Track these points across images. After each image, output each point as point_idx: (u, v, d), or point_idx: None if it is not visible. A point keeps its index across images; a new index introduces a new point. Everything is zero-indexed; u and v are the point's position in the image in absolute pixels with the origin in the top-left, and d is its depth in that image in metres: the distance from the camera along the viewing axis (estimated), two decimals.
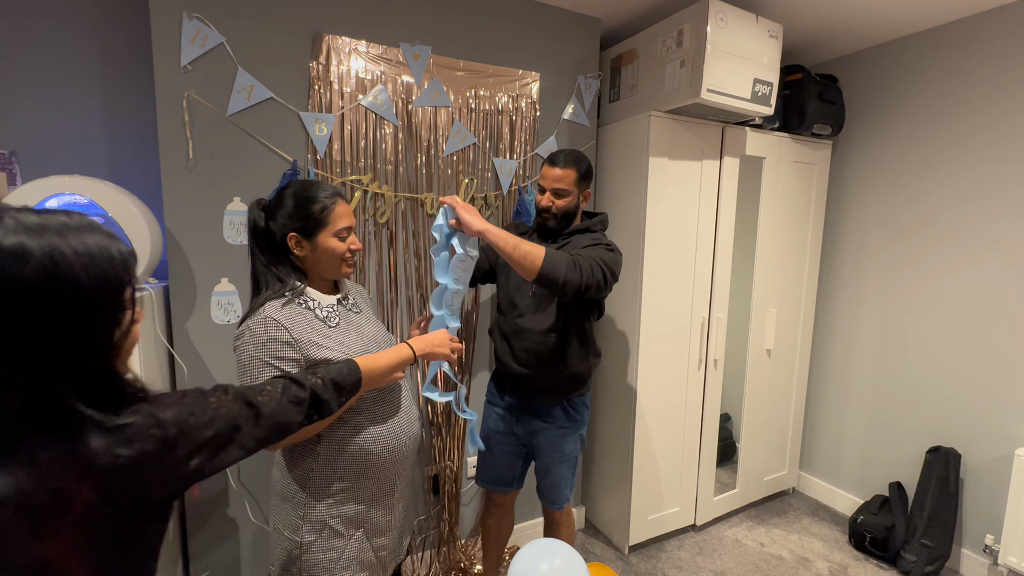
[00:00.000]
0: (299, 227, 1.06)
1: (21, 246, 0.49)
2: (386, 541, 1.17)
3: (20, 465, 0.48)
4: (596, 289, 1.34)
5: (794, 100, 2.22)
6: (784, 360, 2.47)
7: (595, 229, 1.53)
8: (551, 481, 1.62)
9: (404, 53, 1.67)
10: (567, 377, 1.51)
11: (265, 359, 0.98)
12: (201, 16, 1.40)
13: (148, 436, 0.55)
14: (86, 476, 0.50)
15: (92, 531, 0.52)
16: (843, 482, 2.50)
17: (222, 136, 1.46)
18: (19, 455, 0.48)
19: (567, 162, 1.48)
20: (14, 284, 0.48)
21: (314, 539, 1.08)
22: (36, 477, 0.48)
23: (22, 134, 1.49)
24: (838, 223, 2.48)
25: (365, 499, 1.12)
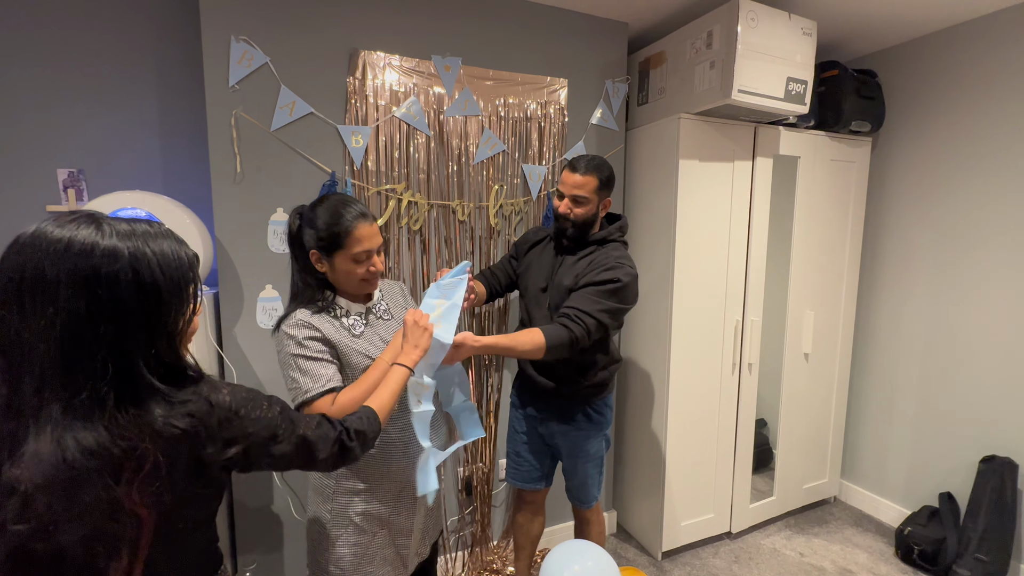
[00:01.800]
0: (320, 246, 1.09)
1: (115, 247, 0.59)
2: (408, 541, 1.22)
3: (105, 424, 0.57)
4: (596, 336, 1.39)
5: (830, 97, 2.16)
6: (823, 364, 2.39)
7: (613, 238, 1.51)
8: (578, 480, 1.63)
9: (435, 65, 1.72)
10: (585, 387, 1.53)
11: (309, 355, 1.06)
12: (248, 39, 1.48)
13: (200, 413, 0.64)
14: (152, 439, 0.59)
15: (158, 485, 0.60)
16: (888, 492, 2.40)
17: (266, 150, 1.55)
18: (105, 416, 0.58)
19: (588, 168, 1.44)
20: (108, 278, 0.58)
21: (340, 533, 1.15)
22: (116, 435, 0.57)
23: (88, 153, 1.61)
24: (879, 222, 2.39)
25: (389, 500, 1.18)
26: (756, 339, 2.14)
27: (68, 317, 0.56)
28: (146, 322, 0.61)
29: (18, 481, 0.53)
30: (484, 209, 1.86)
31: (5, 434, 0.56)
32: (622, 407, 2.27)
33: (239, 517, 1.63)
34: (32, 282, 0.56)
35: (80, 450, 0.55)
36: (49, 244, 0.57)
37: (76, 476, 0.55)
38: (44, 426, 0.55)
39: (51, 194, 1.60)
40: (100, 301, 0.58)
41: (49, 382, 0.56)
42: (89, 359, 0.57)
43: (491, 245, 1.88)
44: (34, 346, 0.56)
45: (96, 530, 0.57)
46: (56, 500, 0.54)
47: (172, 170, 1.70)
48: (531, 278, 1.59)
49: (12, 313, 0.56)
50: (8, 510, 0.54)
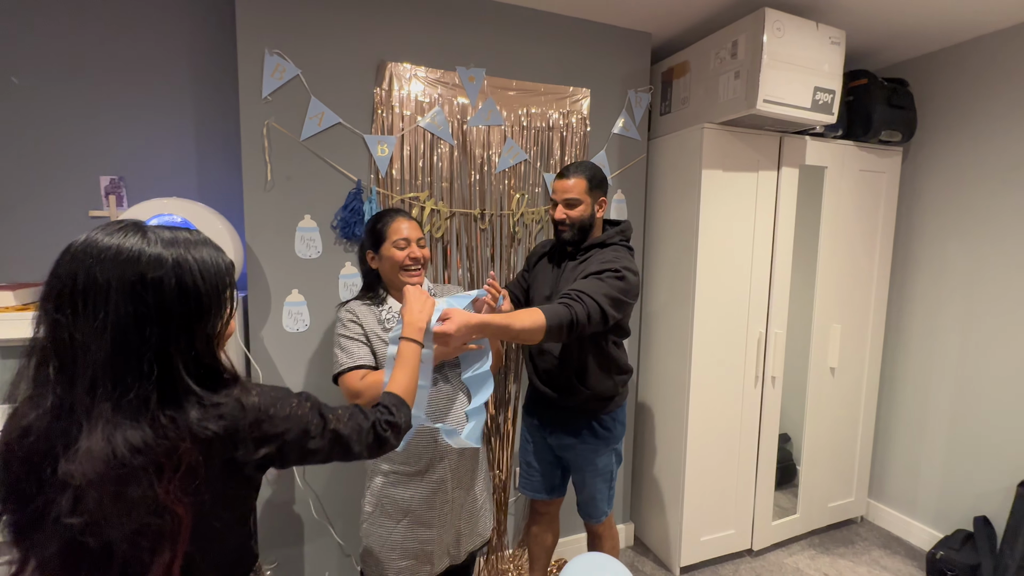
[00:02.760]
0: (370, 244, 1.34)
1: (160, 255, 0.63)
2: (431, 535, 1.27)
3: (149, 424, 0.60)
4: (595, 327, 1.31)
5: (859, 106, 2.12)
6: (850, 379, 2.33)
7: (612, 241, 1.50)
8: (587, 495, 1.62)
9: (460, 76, 1.75)
10: (589, 397, 1.50)
11: (348, 335, 1.27)
12: (280, 52, 1.54)
13: (231, 416, 0.66)
14: (190, 440, 0.62)
15: (196, 484, 0.62)
16: (919, 513, 2.31)
17: (296, 159, 1.60)
18: (148, 416, 0.60)
19: (576, 172, 1.47)
20: (154, 283, 0.62)
21: (371, 511, 1.27)
22: (157, 435, 0.60)
23: (128, 161, 1.69)
24: (910, 234, 2.33)
25: (412, 487, 1.25)
26: (780, 352, 2.10)
27: (118, 321, 0.59)
28: (187, 325, 0.64)
29: (72, 476, 0.56)
30: (505, 217, 1.87)
31: (59, 432, 0.58)
32: (641, 418, 2.25)
33: (261, 516, 1.67)
34: (85, 288, 0.59)
35: (128, 448, 0.57)
36: (100, 251, 0.60)
37: (124, 473, 0.57)
38: (96, 424, 0.57)
39: (93, 200, 1.67)
40: (147, 305, 0.61)
41: (101, 382, 0.59)
42: (136, 361, 0.60)
43: (512, 253, 1.90)
44: (87, 348, 0.58)
45: (141, 525, 0.59)
46: (106, 496, 0.56)
47: (206, 178, 1.76)
48: (537, 288, 1.60)
49: (67, 317, 0.59)
50: (62, 504, 0.56)
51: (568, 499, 1.77)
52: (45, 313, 0.60)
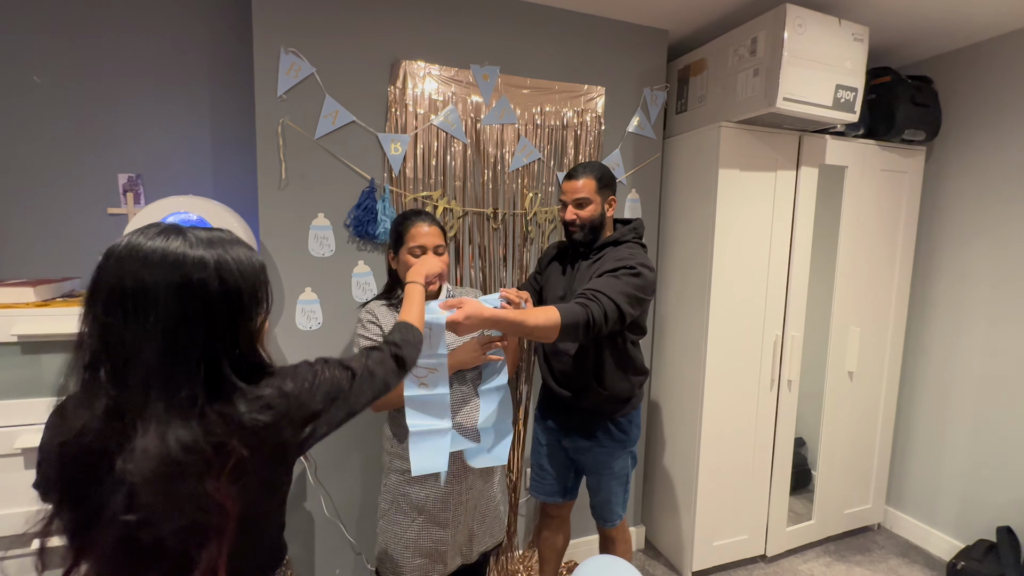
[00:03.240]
0: (392, 243, 1.35)
1: (202, 256, 0.64)
2: (445, 535, 1.27)
3: (198, 422, 0.61)
4: (613, 325, 1.29)
5: (882, 104, 2.07)
6: (869, 383, 2.28)
7: (626, 239, 1.48)
8: (602, 498, 1.60)
9: (474, 74, 1.74)
10: (605, 398, 1.48)
11: (367, 336, 1.28)
12: (296, 50, 1.54)
13: (277, 405, 0.68)
14: (238, 434, 0.63)
15: (243, 477, 0.64)
16: (939, 522, 2.26)
17: (310, 158, 1.60)
18: (198, 414, 0.61)
19: (585, 171, 1.46)
20: (200, 284, 0.63)
21: (388, 508, 1.28)
22: (206, 431, 0.61)
23: (146, 159, 1.70)
24: (933, 236, 2.27)
25: (427, 487, 1.25)
26: (797, 355, 2.06)
27: (167, 322, 0.60)
28: (231, 323, 0.66)
29: (129, 475, 0.57)
30: (518, 216, 1.86)
31: (114, 432, 0.60)
32: (653, 420, 2.22)
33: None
34: (133, 291, 0.60)
35: (180, 446, 0.59)
36: (144, 255, 0.61)
37: (176, 471, 0.58)
38: (149, 424, 0.59)
39: (112, 197, 1.69)
40: (193, 306, 0.62)
41: (153, 383, 0.60)
42: (185, 360, 0.61)
43: (524, 253, 1.88)
44: (139, 350, 0.60)
45: (191, 521, 0.60)
46: (160, 493, 0.58)
47: (222, 176, 1.77)
48: (550, 289, 1.59)
49: (117, 320, 0.60)
50: (118, 502, 0.57)
51: (580, 501, 1.75)
52: (94, 317, 0.61)
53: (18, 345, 1.30)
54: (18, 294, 1.32)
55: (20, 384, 1.31)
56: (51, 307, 1.32)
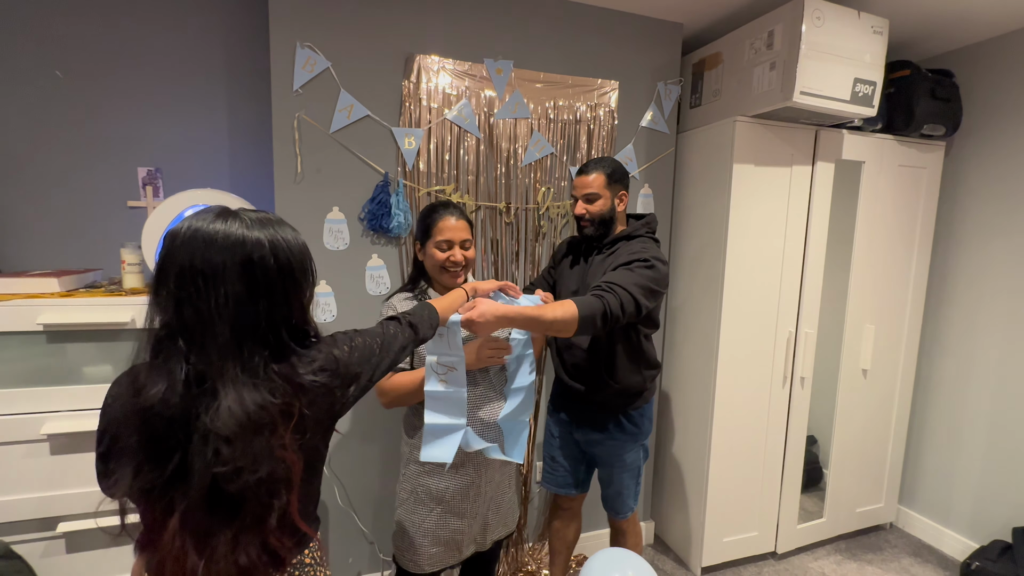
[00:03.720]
0: (418, 236, 1.33)
1: (259, 238, 0.69)
2: (462, 525, 1.28)
3: (266, 384, 0.68)
4: (630, 317, 1.30)
5: (901, 98, 2.04)
6: (883, 382, 2.26)
7: (638, 234, 1.48)
8: (613, 490, 1.61)
9: (488, 68, 1.74)
10: (617, 391, 1.49)
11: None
12: (311, 45, 1.55)
13: (330, 367, 0.76)
14: (298, 394, 0.71)
15: (303, 434, 0.72)
16: (953, 522, 2.24)
17: (325, 152, 1.61)
18: (267, 377, 0.68)
19: (595, 167, 1.48)
20: (260, 262, 0.69)
21: (406, 497, 1.29)
22: (274, 393, 0.68)
23: (165, 153, 1.73)
24: (951, 233, 2.23)
25: (447, 478, 1.26)
26: (810, 352, 2.04)
27: (236, 297, 0.67)
28: (287, 296, 0.72)
29: (216, 431, 0.64)
30: (531, 211, 1.86)
31: (196, 395, 0.66)
32: (664, 415, 2.22)
33: None
34: (203, 270, 0.66)
35: (256, 405, 0.66)
36: (209, 236, 0.67)
37: (254, 427, 0.65)
38: (228, 386, 0.65)
39: (132, 191, 1.72)
40: (256, 282, 0.68)
41: (228, 351, 0.66)
42: (253, 330, 0.68)
43: (537, 247, 1.89)
44: (213, 323, 0.66)
45: (268, 473, 0.67)
46: (242, 447, 0.65)
47: (238, 170, 1.80)
48: (564, 284, 1.60)
49: (190, 295, 0.65)
50: (208, 455, 0.64)
51: (591, 495, 1.76)
52: (167, 293, 0.66)
53: (44, 334, 1.33)
54: (43, 284, 1.36)
55: (46, 372, 1.35)
56: (75, 297, 1.36)
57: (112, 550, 1.45)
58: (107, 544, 1.45)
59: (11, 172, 1.62)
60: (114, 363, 1.40)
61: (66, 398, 1.36)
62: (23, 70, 1.59)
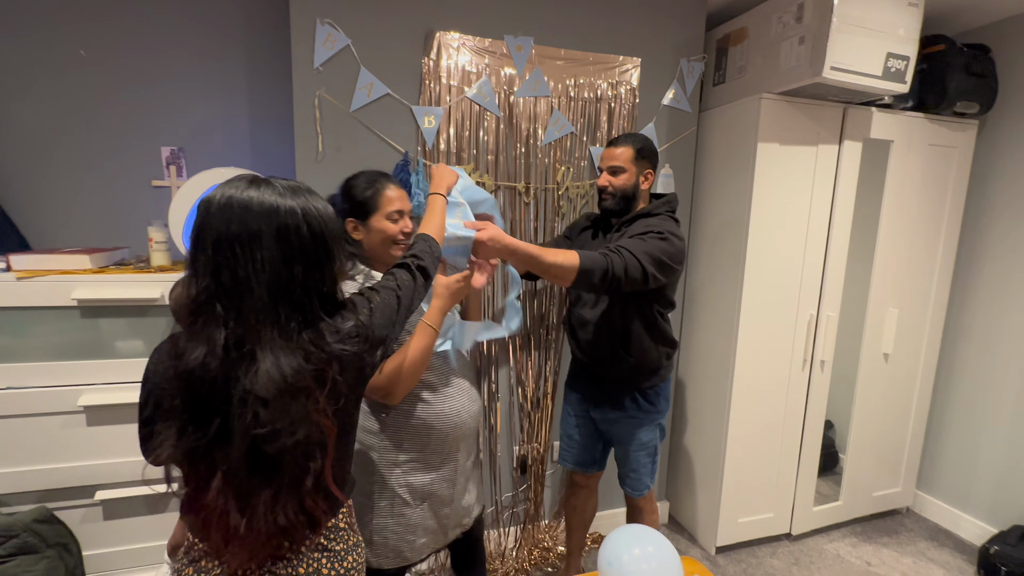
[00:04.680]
0: (357, 211, 1.15)
1: (293, 206, 0.70)
2: (449, 511, 1.25)
3: (299, 351, 0.68)
4: (634, 284, 1.28)
5: (933, 74, 1.97)
6: (904, 366, 2.23)
7: (658, 212, 1.47)
8: (629, 468, 1.62)
9: (508, 45, 1.71)
10: (633, 367, 1.49)
11: None
12: (332, 21, 1.54)
13: (361, 333, 0.76)
14: (331, 361, 0.71)
15: (337, 399, 0.72)
16: (971, 507, 2.22)
17: (345, 130, 1.61)
18: (298, 345, 0.69)
19: (625, 140, 1.48)
20: (295, 229, 0.69)
21: (385, 504, 1.19)
22: (307, 358, 0.69)
23: (188, 133, 1.75)
24: (981, 215, 2.17)
25: (431, 471, 1.20)
26: (831, 335, 2.02)
27: (272, 262, 0.67)
28: (319, 263, 0.72)
29: (256, 393, 0.65)
30: (550, 191, 1.85)
31: (236, 358, 0.67)
32: (681, 396, 2.23)
33: None
34: (240, 236, 0.66)
35: (292, 370, 0.66)
36: (243, 204, 0.67)
37: (292, 390, 0.66)
38: (266, 351, 0.66)
39: (156, 170, 1.75)
40: (291, 248, 0.69)
41: (266, 316, 0.67)
42: (289, 295, 0.69)
43: (556, 227, 1.88)
44: (251, 288, 0.66)
45: (305, 436, 0.68)
46: (281, 410, 0.66)
47: (260, 149, 1.81)
48: None
49: (228, 261, 0.66)
50: (248, 416, 0.65)
51: (608, 474, 1.78)
52: (205, 259, 0.67)
53: (78, 309, 1.37)
54: (76, 261, 1.39)
55: (81, 346, 1.39)
56: (106, 274, 1.39)
57: (148, 517, 1.51)
58: (143, 512, 1.50)
59: (39, 151, 1.64)
60: (144, 338, 1.44)
61: (100, 371, 1.41)
62: (48, 50, 1.61)
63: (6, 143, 1.62)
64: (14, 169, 1.63)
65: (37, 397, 1.37)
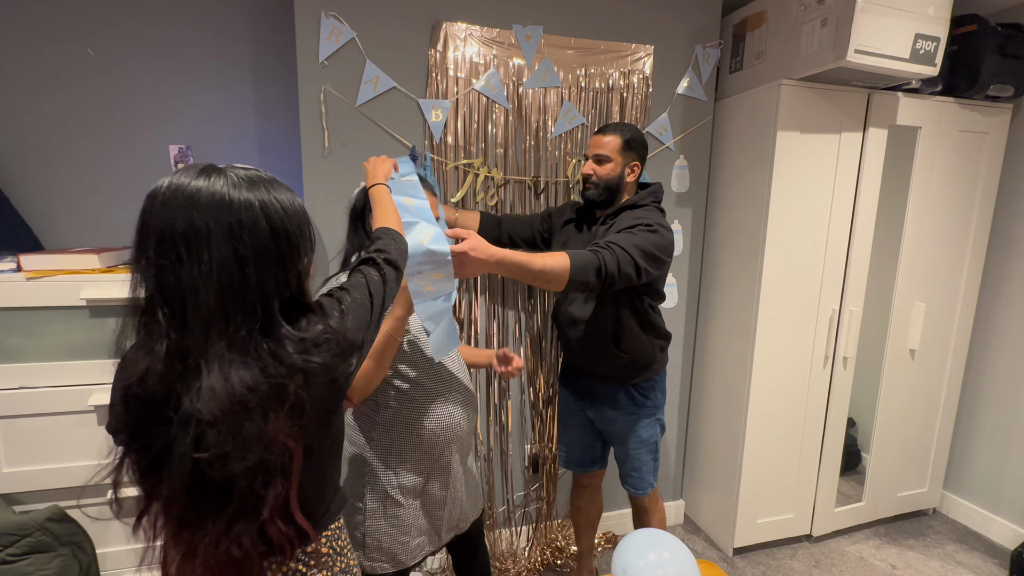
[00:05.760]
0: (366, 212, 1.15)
1: (248, 198, 0.62)
2: (443, 513, 1.23)
3: (256, 362, 0.61)
4: (627, 280, 1.23)
5: (964, 57, 1.87)
6: (931, 363, 2.14)
7: (644, 203, 1.42)
8: (631, 467, 1.58)
9: (516, 34, 1.67)
10: (626, 363, 1.46)
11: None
12: (336, 14, 1.51)
13: (329, 342, 0.67)
14: (293, 374, 0.63)
15: (301, 415, 0.64)
16: (1003, 509, 2.14)
17: (352, 125, 1.58)
18: (256, 354, 0.61)
19: (614, 129, 1.43)
20: (249, 224, 0.62)
21: (376, 506, 1.17)
22: (263, 371, 0.61)
23: (195, 130, 1.73)
24: (1015, 204, 2.07)
25: (423, 473, 1.19)
26: (854, 331, 1.95)
27: (222, 262, 0.59)
28: (281, 263, 0.65)
29: (197, 414, 0.57)
30: (561, 185, 1.80)
31: (178, 373, 0.60)
32: (697, 394, 2.17)
33: None
34: (185, 233, 0.59)
35: (244, 385, 0.59)
36: (190, 196, 0.60)
37: (242, 409, 0.59)
38: (213, 364, 0.59)
39: (163, 168, 1.74)
40: (245, 246, 0.61)
41: (213, 323, 0.59)
42: (242, 300, 0.61)
43: None
44: (196, 291, 0.59)
45: (259, 460, 0.60)
46: (228, 431, 0.58)
47: (267, 145, 1.79)
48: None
49: (172, 262, 0.59)
50: (188, 440, 0.58)
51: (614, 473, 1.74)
52: (147, 260, 0.60)
53: (87, 308, 1.37)
54: (84, 261, 1.39)
55: (90, 345, 1.39)
56: (115, 273, 1.38)
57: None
58: None
59: (48, 151, 1.65)
60: None
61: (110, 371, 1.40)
62: (56, 50, 1.61)
63: (16, 143, 1.63)
64: (24, 169, 1.64)
65: (48, 397, 1.37)
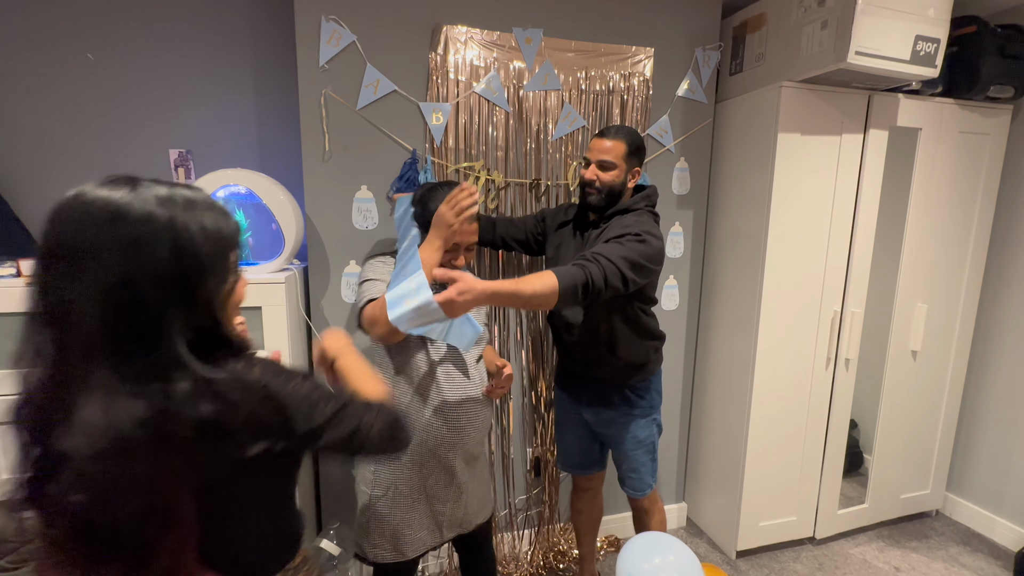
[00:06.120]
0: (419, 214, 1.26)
1: (151, 213, 0.56)
2: (446, 509, 1.27)
3: (146, 395, 0.54)
4: (614, 291, 1.22)
5: (964, 58, 1.87)
6: (933, 364, 2.14)
7: (636, 207, 1.41)
8: (629, 468, 1.58)
9: (516, 37, 1.67)
10: (621, 366, 1.46)
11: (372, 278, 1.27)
12: (336, 18, 1.51)
13: (229, 396, 0.58)
14: (177, 417, 0.55)
15: (189, 464, 0.56)
16: (1006, 510, 2.13)
17: (352, 129, 1.58)
18: (147, 387, 0.54)
19: (617, 134, 1.40)
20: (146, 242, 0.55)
21: (382, 494, 1.23)
22: (148, 408, 0.53)
23: (195, 135, 1.73)
24: (1015, 205, 2.07)
25: (427, 472, 1.24)
26: (856, 333, 1.94)
27: (110, 281, 0.54)
28: (184, 288, 0.58)
29: (72, 450, 0.51)
30: (562, 187, 1.80)
31: (56, 402, 0.54)
32: (699, 396, 2.17)
33: (324, 479, 1.74)
34: (73, 246, 0.54)
35: (128, 420, 0.52)
36: (86, 206, 0.55)
37: (126, 447, 0.52)
38: (93, 394, 0.53)
39: (163, 173, 1.73)
40: (139, 265, 0.55)
41: (96, 348, 0.53)
42: (132, 325, 0.55)
43: None
44: (80, 311, 0.53)
45: (146, 504, 0.54)
46: (108, 471, 0.52)
47: (267, 149, 1.79)
48: (562, 259, 1.51)
49: (57, 278, 0.54)
50: (63, 481, 0.51)
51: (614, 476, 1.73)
52: (36, 275, 0.54)
53: None
54: None
55: None
56: None
57: None
58: None
59: (49, 155, 1.64)
60: None
61: None
62: (56, 55, 1.60)
63: (16, 147, 1.62)
64: (25, 173, 1.63)
65: None
